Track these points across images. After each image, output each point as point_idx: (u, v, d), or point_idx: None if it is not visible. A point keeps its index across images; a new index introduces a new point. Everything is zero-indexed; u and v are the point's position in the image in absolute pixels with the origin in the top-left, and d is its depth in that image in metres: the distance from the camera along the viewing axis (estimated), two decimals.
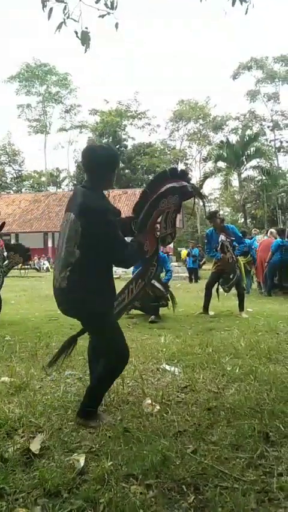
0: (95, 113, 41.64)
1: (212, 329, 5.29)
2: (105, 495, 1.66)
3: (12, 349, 4.14)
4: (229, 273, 6.62)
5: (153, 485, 1.74)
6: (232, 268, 6.63)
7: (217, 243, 6.60)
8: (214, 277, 6.82)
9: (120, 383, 3.04)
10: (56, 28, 4.00)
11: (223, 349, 4.01)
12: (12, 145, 43.97)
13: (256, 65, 36.56)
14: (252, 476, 1.82)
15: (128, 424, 2.34)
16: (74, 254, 2.24)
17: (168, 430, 2.26)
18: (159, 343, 4.41)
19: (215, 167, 28.55)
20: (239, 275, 7.09)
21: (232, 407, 2.54)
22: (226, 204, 42.37)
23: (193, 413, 2.52)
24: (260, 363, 3.54)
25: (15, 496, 1.68)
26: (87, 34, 4.00)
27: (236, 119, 39.31)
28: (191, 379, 3.14)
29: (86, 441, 2.15)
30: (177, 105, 40.97)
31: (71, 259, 2.25)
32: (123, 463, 1.89)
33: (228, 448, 2.06)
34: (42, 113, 43.53)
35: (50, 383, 3.13)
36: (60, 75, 41.97)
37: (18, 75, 41.06)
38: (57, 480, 1.75)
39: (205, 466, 1.88)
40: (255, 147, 26.66)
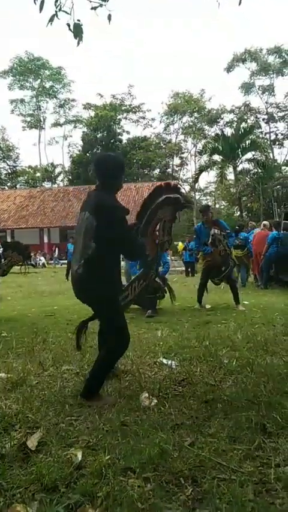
0: (89, 107, 41.40)
1: (208, 322, 5.30)
2: (103, 489, 1.66)
3: (9, 345, 4.13)
4: (220, 265, 6.64)
5: (150, 478, 1.74)
6: (224, 261, 6.65)
7: (206, 238, 6.61)
8: (205, 275, 6.82)
9: (117, 377, 3.05)
10: (48, 21, 3.95)
11: (220, 342, 4.02)
12: (6, 140, 43.69)
13: (250, 57, 36.38)
14: (249, 467, 1.82)
15: (125, 417, 2.34)
16: (90, 247, 2.59)
17: (165, 423, 2.26)
18: (156, 337, 4.41)
19: (210, 160, 28.48)
20: (232, 267, 7.14)
21: (229, 400, 2.54)
22: (222, 198, 42.34)
23: (190, 406, 2.52)
24: (257, 355, 3.55)
25: (12, 491, 1.68)
26: (80, 27, 3.94)
27: (231, 112, 39.18)
28: (188, 372, 3.14)
29: (83, 435, 2.15)
30: (171, 99, 40.80)
31: (88, 251, 2.60)
32: (121, 457, 1.89)
33: (226, 440, 2.06)
34: (36, 107, 43.23)
35: (47, 378, 3.13)
36: (53, 70, 41.64)
37: (11, 69, 40.70)
38: (54, 475, 1.75)
39: (203, 458, 1.88)
40: (251, 140, 26.60)
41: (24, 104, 42.97)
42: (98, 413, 2.43)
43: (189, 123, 40.74)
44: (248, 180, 31.94)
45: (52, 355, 3.67)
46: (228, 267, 6.77)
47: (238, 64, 37.08)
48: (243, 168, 30.66)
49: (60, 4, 3.85)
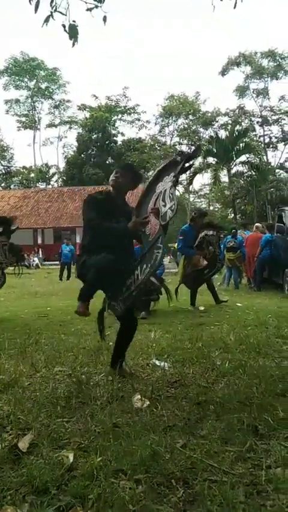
0: (84, 108, 41.35)
1: (201, 324, 5.31)
2: (94, 491, 1.65)
3: (1, 346, 4.10)
4: (203, 268, 6.71)
5: (142, 480, 1.73)
6: (209, 264, 6.73)
7: (193, 240, 6.65)
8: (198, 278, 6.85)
9: (110, 378, 3.04)
10: (44, 21, 3.94)
11: (213, 344, 4.03)
12: (0, 141, 43.51)
13: (245, 60, 36.55)
14: (241, 469, 1.82)
15: (117, 419, 2.34)
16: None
17: (157, 425, 2.25)
18: (149, 339, 4.41)
19: (205, 163, 28.56)
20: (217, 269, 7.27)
21: (221, 402, 2.54)
22: (216, 200, 42.45)
23: (183, 407, 2.52)
24: (249, 357, 3.56)
25: (3, 493, 1.67)
26: (76, 28, 3.94)
27: (226, 115, 39.31)
28: (181, 373, 3.14)
29: (75, 437, 2.14)
30: (166, 101, 40.87)
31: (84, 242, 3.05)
32: (113, 459, 1.88)
33: (218, 441, 2.06)
34: (31, 108, 43.12)
35: (39, 380, 3.11)
36: (49, 70, 41.58)
37: (6, 69, 40.58)
38: (45, 477, 1.73)
39: (194, 460, 1.88)
40: (245, 143, 26.73)
41: (19, 104, 42.89)
42: (90, 414, 2.42)
43: (184, 125, 40.83)
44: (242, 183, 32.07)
45: (45, 357, 3.66)
46: (211, 270, 6.86)
47: (233, 67, 37.24)
48: (237, 171, 30.75)
49: (55, 5, 3.86)
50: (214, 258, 6.83)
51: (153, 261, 2.74)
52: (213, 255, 6.79)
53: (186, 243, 6.74)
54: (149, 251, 2.79)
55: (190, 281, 6.89)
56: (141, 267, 2.81)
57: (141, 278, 2.80)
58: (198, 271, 6.78)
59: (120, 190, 3.10)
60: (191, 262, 6.76)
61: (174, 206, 2.68)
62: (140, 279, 2.80)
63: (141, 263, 2.83)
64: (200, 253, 6.66)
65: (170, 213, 2.69)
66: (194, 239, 6.73)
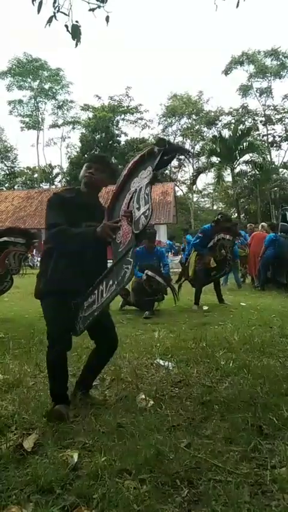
0: (87, 108, 41.38)
1: (205, 323, 5.30)
2: (99, 490, 1.65)
3: (6, 346, 4.12)
4: (212, 269, 6.81)
5: (146, 480, 1.74)
6: (219, 267, 6.82)
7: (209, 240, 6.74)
8: (202, 277, 6.91)
9: (114, 379, 3.04)
10: (46, 22, 3.95)
11: (217, 344, 4.02)
12: (4, 141, 43.61)
13: (248, 59, 36.45)
14: (245, 469, 1.82)
15: (121, 419, 2.34)
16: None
17: (162, 425, 2.26)
18: (153, 338, 4.41)
19: (208, 162, 28.52)
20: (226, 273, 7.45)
21: (226, 401, 2.54)
22: (219, 199, 42.39)
23: (187, 407, 2.52)
24: (254, 356, 3.55)
25: (8, 493, 1.68)
26: (78, 28, 3.95)
27: (229, 114, 39.21)
28: (185, 373, 3.14)
29: (79, 437, 2.14)
30: (169, 100, 40.83)
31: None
32: (117, 458, 1.89)
33: (222, 441, 2.06)
34: (35, 108, 43.19)
35: (43, 380, 3.11)
36: (52, 71, 41.64)
37: (9, 70, 40.67)
38: (50, 476, 1.74)
39: (199, 460, 1.88)
40: (248, 142, 26.65)
41: (23, 105, 42.92)
42: (95, 414, 2.42)
43: (187, 125, 40.78)
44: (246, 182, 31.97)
45: None
46: (219, 273, 6.97)
47: (236, 66, 37.16)
48: (240, 170, 30.69)
49: (58, 5, 3.86)
50: (224, 262, 6.93)
51: (120, 277, 2.19)
52: (224, 259, 6.88)
53: (203, 242, 6.83)
54: (117, 265, 2.26)
55: (197, 279, 6.93)
56: (107, 282, 2.30)
57: (105, 296, 2.29)
58: (205, 271, 6.85)
59: (93, 189, 2.62)
60: (202, 260, 6.83)
61: (149, 212, 2.07)
62: (104, 296, 2.30)
63: (107, 278, 2.33)
64: (210, 254, 6.74)
65: (144, 220, 2.09)
66: (210, 239, 6.82)
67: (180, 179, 42.43)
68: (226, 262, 7.02)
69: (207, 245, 6.84)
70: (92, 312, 2.39)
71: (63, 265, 2.44)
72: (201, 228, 7.24)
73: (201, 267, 6.89)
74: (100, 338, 2.63)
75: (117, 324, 3.67)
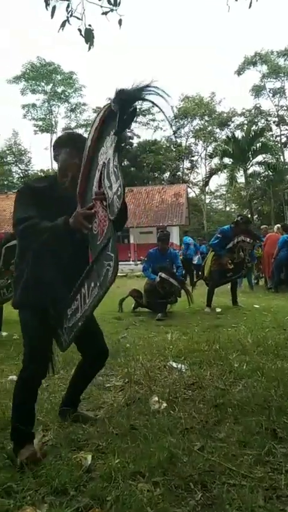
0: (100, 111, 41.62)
1: (219, 326, 5.28)
2: (112, 493, 1.66)
3: (20, 348, 4.13)
4: (227, 271, 6.79)
5: (160, 483, 1.73)
6: (235, 269, 6.81)
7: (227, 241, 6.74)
8: (216, 278, 6.88)
9: (127, 381, 3.04)
10: (60, 26, 4.00)
11: (230, 346, 3.99)
12: (18, 144, 44.11)
13: (261, 60, 36.26)
14: (259, 473, 1.80)
15: (134, 421, 2.34)
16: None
17: (175, 427, 2.25)
18: (166, 340, 4.40)
19: (221, 163, 28.42)
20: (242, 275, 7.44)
21: (239, 404, 2.52)
22: (232, 201, 42.19)
23: (200, 410, 2.51)
24: (268, 359, 3.52)
25: (22, 494, 1.69)
26: (91, 31, 3.99)
27: (242, 115, 39.07)
28: (198, 376, 3.13)
29: (93, 439, 2.15)
30: (181, 102, 40.83)
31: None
32: (130, 461, 1.89)
33: (236, 445, 2.04)
34: (48, 112, 43.62)
35: (57, 381, 3.14)
36: (65, 74, 42.02)
37: (23, 74, 41.18)
38: (64, 478, 1.75)
39: (212, 463, 1.87)
40: (261, 143, 26.47)
41: (36, 108, 43.40)
42: (108, 416, 2.43)
43: (199, 126, 40.71)
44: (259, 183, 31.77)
45: (62, 358, 3.68)
46: (235, 275, 6.95)
47: (249, 67, 37.00)
48: (253, 171, 30.51)
49: (71, 10, 3.91)
50: (241, 264, 6.92)
51: (102, 278, 1.68)
52: (241, 261, 6.87)
53: (221, 243, 6.82)
54: (96, 262, 1.77)
55: (212, 279, 6.90)
56: (89, 284, 1.82)
57: (88, 302, 1.82)
58: (221, 272, 6.82)
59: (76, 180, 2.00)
60: (219, 261, 6.81)
61: (121, 190, 1.58)
62: (87, 302, 1.83)
63: (88, 278, 1.84)
64: (228, 256, 6.73)
65: (117, 202, 1.60)
66: (229, 240, 6.80)
67: (193, 180, 42.35)
68: (243, 265, 7.01)
69: (226, 246, 6.82)
70: (76, 321, 1.94)
71: (38, 268, 2.00)
72: (220, 229, 7.20)
73: (217, 268, 6.87)
74: (88, 347, 2.31)
75: (130, 326, 3.68)
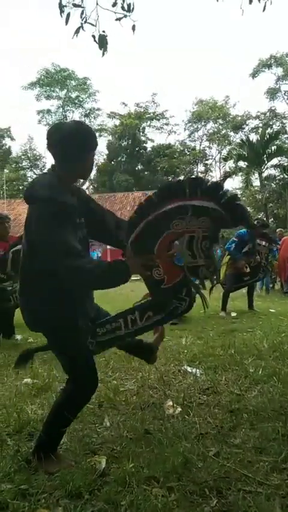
0: (114, 116, 41.92)
1: (234, 330, 5.23)
2: (127, 497, 1.65)
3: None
4: (244, 275, 6.75)
5: (175, 488, 1.72)
6: (252, 272, 6.76)
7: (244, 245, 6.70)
8: (231, 282, 6.84)
9: (141, 385, 3.03)
10: (74, 33, 4.05)
11: (246, 351, 3.95)
12: (33, 150, 44.70)
13: (276, 62, 36.04)
14: (276, 480, 1.77)
15: (149, 426, 2.33)
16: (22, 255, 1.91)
17: (189, 432, 2.23)
18: (181, 345, 4.38)
19: (236, 167, 28.27)
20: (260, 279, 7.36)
21: (255, 410, 2.49)
22: (247, 204, 41.82)
23: (215, 415, 2.49)
24: (284, 364, 3.47)
25: (37, 496, 1.70)
26: (105, 38, 4.02)
27: (256, 118, 38.82)
28: (213, 380, 3.10)
29: (107, 443, 2.15)
30: (195, 106, 40.82)
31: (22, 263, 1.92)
32: (145, 465, 1.88)
33: (252, 451, 2.02)
34: (63, 117, 44.10)
35: None
36: (79, 80, 42.49)
37: (38, 81, 41.79)
38: (78, 481, 1.75)
39: (228, 469, 1.85)
40: (276, 146, 26.26)
41: (51, 114, 43.98)
42: (122, 420, 2.42)
43: (213, 130, 40.62)
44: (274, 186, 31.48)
45: None
46: (252, 278, 6.90)
47: (264, 70, 36.79)
48: (269, 174, 30.24)
49: (85, 16, 3.95)
50: (258, 268, 6.87)
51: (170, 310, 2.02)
52: (258, 265, 6.82)
53: (238, 247, 6.79)
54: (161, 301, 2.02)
55: (228, 282, 6.86)
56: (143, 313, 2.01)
57: (141, 324, 2.01)
58: (238, 275, 6.79)
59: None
60: (235, 264, 6.78)
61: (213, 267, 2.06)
62: (139, 324, 2.01)
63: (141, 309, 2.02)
64: (245, 259, 6.69)
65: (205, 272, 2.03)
66: (245, 244, 6.77)
67: None
68: (260, 269, 6.96)
69: (242, 250, 6.78)
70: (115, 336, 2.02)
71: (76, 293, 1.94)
72: (237, 233, 7.14)
73: (233, 271, 6.83)
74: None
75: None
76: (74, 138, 1.85)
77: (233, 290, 7.01)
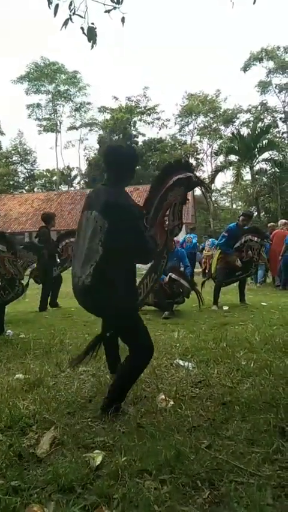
0: (105, 110, 41.66)
1: (226, 324, 5.25)
2: (119, 490, 1.65)
3: (27, 346, 4.17)
4: (236, 269, 6.80)
5: (167, 481, 1.73)
6: (244, 267, 6.81)
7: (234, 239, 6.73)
8: (221, 276, 6.87)
9: None
10: (62, 25, 3.98)
11: (237, 344, 3.98)
12: (23, 144, 44.27)
13: (267, 55, 35.99)
14: (268, 471, 1.79)
15: (141, 419, 2.34)
16: (98, 251, 2.26)
17: (182, 425, 2.24)
18: (173, 339, 4.39)
19: (227, 161, 28.27)
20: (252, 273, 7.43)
21: (247, 402, 2.51)
22: (239, 198, 41.96)
23: (207, 408, 2.50)
24: (275, 357, 3.50)
25: (29, 491, 1.69)
26: (94, 30, 3.97)
27: (247, 112, 38.82)
28: (205, 374, 3.11)
29: (99, 437, 2.15)
30: (186, 100, 40.70)
31: (95, 257, 2.26)
32: (137, 459, 1.88)
33: (244, 442, 2.03)
34: (52, 111, 43.70)
35: (63, 379, 3.14)
36: (69, 74, 42.06)
37: (27, 74, 41.28)
38: (71, 476, 1.75)
39: (220, 461, 1.86)
40: (267, 140, 26.26)
41: (41, 108, 43.49)
42: (115, 414, 2.42)
43: (204, 124, 40.56)
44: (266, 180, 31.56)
45: (69, 357, 3.69)
46: (244, 273, 6.95)
47: (255, 63, 36.74)
48: (260, 168, 30.28)
49: (74, 8, 3.89)
50: (250, 262, 6.92)
51: (159, 268, 3.11)
52: (250, 260, 6.86)
53: (228, 241, 6.81)
54: (156, 260, 3.03)
55: (220, 275, 6.89)
56: (150, 275, 3.12)
57: (149, 285, 3.16)
58: (229, 270, 6.83)
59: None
60: (226, 258, 6.82)
61: (181, 226, 2.98)
62: (149, 286, 3.15)
63: (150, 272, 3.12)
64: (237, 255, 6.75)
65: (177, 230, 2.97)
66: (236, 239, 6.80)
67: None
68: (252, 264, 7.02)
69: (233, 245, 6.80)
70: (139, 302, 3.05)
71: (131, 275, 2.49)
72: (227, 228, 7.18)
73: (223, 265, 6.86)
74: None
75: None
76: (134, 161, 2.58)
77: (224, 285, 7.05)
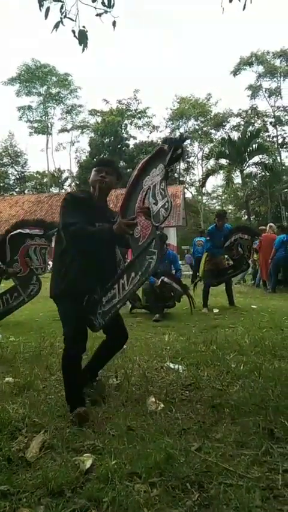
0: (96, 113, 41.67)
1: (216, 326, 5.28)
2: (109, 494, 1.65)
3: (17, 350, 4.14)
4: (226, 268, 6.90)
5: (157, 484, 1.73)
6: (235, 265, 6.89)
7: (218, 241, 6.79)
8: (210, 275, 6.93)
9: (124, 381, 3.03)
10: (53, 27, 3.98)
11: (227, 347, 3.99)
12: (14, 146, 44.08)
13: (257, 60, 36.37)
14: (257, 473, 1.80)
15: (131, 422, 2.33)
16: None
17: (172, 428, 2.24)
18: (163, 341, 4.40)
19: (217, 164, 28.46)
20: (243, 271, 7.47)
21: (236, 405, 2.52)
22: (229, 202, 42.24)
23: (197, 410, 2.51)
24: (265, 359, 3.52)
25: (18, 496, 1.68)
26: (85, 33, 3.98)
27: (238, 116, 39.16)
28: (195, 376, 3.12)
29: (89, 440, 2.14)
30: (177, 103, 40.90)
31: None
32: (127, 462, 1.88)
33: (233, 445, 2.04)
34: (44, 113, 43.60)
35: (54, 383, 3.13)
36: (60, 76, 42.02)
37: (18, 76, 41.15)
38: (60, 479, 1.74)
39: (209, 463, 1.86)
40: (258, 144, 26.54)
41: (32, 110, 43.42)
42: (105, 417, 2.42)
43: (195, 127, 40.77)
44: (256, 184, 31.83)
45: (59, 360, 3.67)
46: (236, 271, 7.01)
47: (245, 67, 37.08)
48: (250, 172, 30.54)
49: (65, 11, 3.90)
50: (241, 260, 6.99)
51: (144, 268, 2.33)
52: (241, 257, 6.92)
53: (214, 244, 6.88)
54: (138, 257, 2.38)
55: (207, 279, 6.94)
56: (129, 275, 2.43)
57: (128, 288, 2.44)
58: (217, 271, 6.90)
59: (104, 192, 2.71)
60: (212, 260, 6.88)
61: (168, 204, 2.22)
62: (126, 289, 2.45)
63: (128, 271, 2.46)
64: (227, 254, 6.84)
65: (164, 213, 2.24)
66: (223, 239, 6.87)
67: (189, 181, 42.41)
68: (243, 261, 7.08)
69: (222, 245, 6.85)
70: (113, 305, 2.54)
71: (78, 264, 2.52)
72: (207, 232, 7.30)
73: (211, 267, 6.92)
74: (114, 330, 2.77)
75: (127, 327, 3.66)
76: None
77: (215, 284, 7.10)
